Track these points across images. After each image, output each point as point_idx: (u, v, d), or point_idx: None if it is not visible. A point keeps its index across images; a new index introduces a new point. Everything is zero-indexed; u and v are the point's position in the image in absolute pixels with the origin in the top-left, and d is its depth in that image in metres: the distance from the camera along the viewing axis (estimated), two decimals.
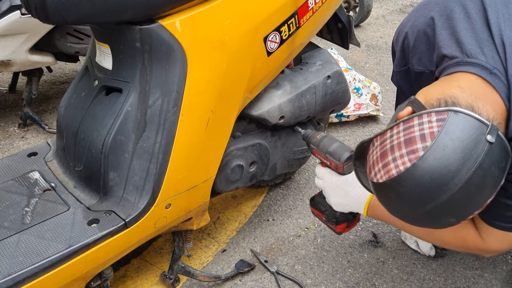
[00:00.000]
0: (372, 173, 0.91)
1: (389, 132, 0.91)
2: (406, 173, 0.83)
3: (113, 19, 1.03)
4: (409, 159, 0.83)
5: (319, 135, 1.31)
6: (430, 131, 0.83)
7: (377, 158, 0.91)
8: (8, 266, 0.97)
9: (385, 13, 4.00)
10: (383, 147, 0.90)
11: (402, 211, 0.89)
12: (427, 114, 0.86)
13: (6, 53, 1.85)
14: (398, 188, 0.85)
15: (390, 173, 0.86)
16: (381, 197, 0.93)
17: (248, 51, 1.20)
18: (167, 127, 1.12)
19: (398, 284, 1.48)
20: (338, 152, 1.25)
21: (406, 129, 0.87)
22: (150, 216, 1.15)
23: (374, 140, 0.96)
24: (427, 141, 0.82)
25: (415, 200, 0.84)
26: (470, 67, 0.96)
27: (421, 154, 0.82)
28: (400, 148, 0.85)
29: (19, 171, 1.26)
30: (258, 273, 1.50)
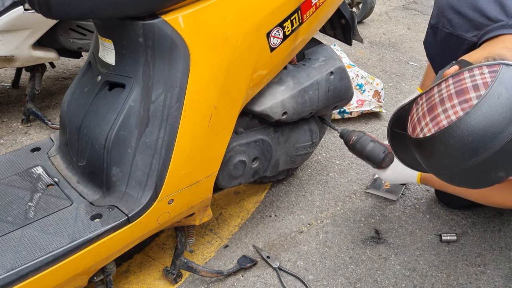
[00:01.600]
0: (418, 129, 0.88)
1: (436, 87, 0.89)
2: (458, 122, 0.81)
3: (116, 14, 1.03)
4: (461, 108, 0.81)
5: (353, 136, 1.45)
6: (484, 81, 0.81)
7: (424, 113, 0.88)
8: (11, 260, 0.97)
9: (388, 9, 3.99)
10: (430, 102, 0.88)
11: (449, 166, 0.86)
12: (478, 67, 0.85)
13: (9, 48, 1.86)
14: (449, 139, 0.82)
15: (440, 124, 0.83)
16: (426, 154, 0.89)
17: (251, 46, 1.20)
18: (170, 122, 1.12)
19: (400, 280, 1.48)
20: (373, 155, 1.40)
21: (457, 82, 0.85)
22: (152, 211, 1.15)
23: (419, 99, 0.93)
24: (481, 90, 0.80)
25: (467, 151, 0.81)
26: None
27: (475, 102, 0.80)
28: (451, 99, 0.83)
29: (22, 166, 1.27)
30: (260, 269, 1.50)
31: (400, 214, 1.76)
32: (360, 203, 1.80)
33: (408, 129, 0.94)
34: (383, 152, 1.39)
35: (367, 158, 1.43)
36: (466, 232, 1.69)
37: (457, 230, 1.69)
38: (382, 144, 1.42)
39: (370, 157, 1.41)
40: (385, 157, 1.38)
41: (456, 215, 1.76)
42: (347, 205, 1.79)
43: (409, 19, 3.79)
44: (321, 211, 1.75)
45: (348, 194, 1.84)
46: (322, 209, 1.76)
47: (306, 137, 1.60)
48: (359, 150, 1.45)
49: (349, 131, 1.51)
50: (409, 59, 3.07)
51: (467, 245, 1.63)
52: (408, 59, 3.07)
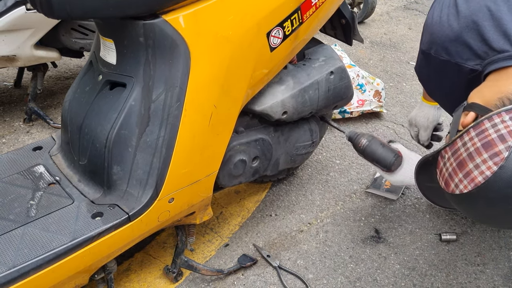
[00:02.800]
0: (452, 185, 0.89)
1: (459, 141, 0.89)
2: (494, 177, 0.81)
3: (117, 14, 1.04)
4: (494, 162, 0.81)
5: (363, 140, 1.47)
6: (508, 130, 0.81)
7: (454, 169, 0.88)
8: (13, 258, 0.98)
9: (390, 9, 3.99)
10: (458, 156, 0.88)
11: (495, 217, 0.87)
12: (497, 114, 0.84)
13: (11, 48, 1.87)
14: (489, 194, 0.83)
15: (476, 181, 0.83)
16: (467, 208, 0.90)
17: (251, 46, 1.20)
18: (170, 121, 1.13)
19: (400, 280, 1.49)
20: (383, 160, 1.43)
21: (480, 134, 0.85)
22: (153, 210, 1.16)
23: (443, 152, 0.93)
24: (508, 140, 0.81)
25: (510, 202, 0.82)
26: None
27: (506, 155, 0.80)
28: (480, 154, 0.83)
29: (24, 165, 1.28)
30: (260, 268, 1.51)
31: (400, 214, 1.76)
32: (360, 203, 1.81)
33: (440, 182, 0.95)
34: (393, 156, 1.42)
35: (377, 162, 1.45)
36: (466, 231, 1.69)
37: (456, 229, 1.70)
38: (391, 148, 1.45)
39: (380, 161, 1.44)
40: (395, 161, 1.41)
41: (456, 214, 1.76)
42: (347, 205, 1.80)
43: (410, 19, 3.79)
44: (321, 211, 1.76)
45: (348, 194, 1.85)
46: (322, 208, 1.77)
47: (306, 136, 1.60)
48: (369, 154, 1.46)
49: (357, 134, 1.51)
50: (410, 59, 3.07)
51: (467, 244, 1.64)
52: (409, 59, 3.07)
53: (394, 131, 2.28)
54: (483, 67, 1.03)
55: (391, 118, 2.39)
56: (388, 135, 2.25)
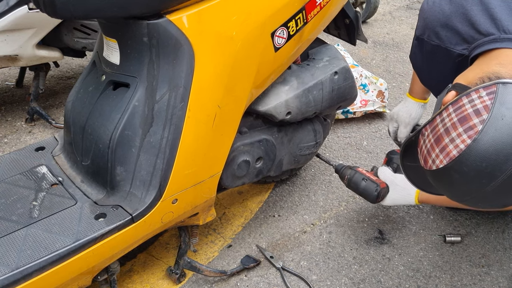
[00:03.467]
0: (430, 161, 0.89)
1: (438, 117, 0.89)
2: (468, 150, 0.81)
3: (121, 14, 1.03)
4: (468, 136, 0.81)
5: (346, 175, 1.52)
6: (484, 105, 0.82)
7: (432, 144, 0.89)
8: (16, 260, 0.97)
9: (392, 9, 3.98)
10: (435, 133, 0.89)
11: (470, 192, 0.86)
12: (475, 91, 0.85)
13: (13, 48, 1.86)
14: (462, 168, 0.82)
15: (451, 154, 0.83)
16: (444, 184, 0.90)
17: (255, 46, 1.19)
18: (174, 122, 1.12)
19: (404, 281, 1.48)
20: (367, 194, 1.47)
21: (457, 109, 0.85)
22: (156, 211, 1.15)
23: (423, 130, 0.94)
24: (483, 114, 0.81)
25: (483, 176, 0.81)
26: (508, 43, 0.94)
27: (480, 128, 0.80)
28: (456, 128, 0.84)
29: (26, 165, 1.27)
30: (263, 269, 1.50)
31: (404, 215, 1.75)
32: (364, 203, 1.80)
33: (420, 160, 0.95)
34: (375, 190, 1.44)
35: (362, 195, 1.49)
36: (470, 232, 1.68)
37: (461, 230, 1.69)
38: (374, 180, 1.46)
39: (364, 195, 1.48)
40: (378, 194, 1.44)
41: (460, 216, 1.75)
42: (350, 205, 1.79)
43: (412, 18, 3.78)
44: (325, 211, 1.75)
45: (352, 194, 1.84)
46: (325, 209, 1.76)
47: (310, 137, 1.60)
48: (354, 188, 1.51)
49: (344, 167, 1.55)
50: None
51: (471, 246, 1.63)
52: None
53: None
54: (469, 51, 1.04)
55: None
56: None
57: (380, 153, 2.11)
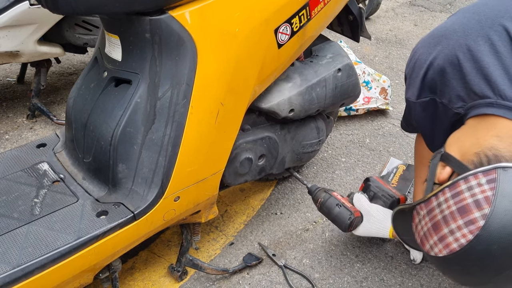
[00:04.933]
0: (427, 246, 0.87)
1: (434, 200, 0.86)
2: (469, 246, 0.78)
3: (123, 10, 1.02)
4: (469, 230, 0.78)
5: (320, 198, 1.43)
6: (484, 196, 0.78)
7: (429, 230, 0.86)
8: (17, 257, 0.97)
9: (395, 6, 3.96)
10: (433, 217, 0.86)
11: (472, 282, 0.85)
12: (474, 175, 0.81)
13: (14, 44, 1.85)
14: (464, 262, 0.81)
15: (451, 247, 0.81)
16: (445, 270, 0.88)
17: (258, 43, 1.18)
18: (176, 119, 1.11)
19: (407, 280, 1.47)
20: (339, 221, 1.39)
21: (455, 196, 0.82)
22: (158, 208, 1.14)
23: (418, 208, 0.91)
24: (484, 208, 0.77)
25: (488, 271, 0.79)
26: (506, 112, 0.87)
27: (482, 223, 0.77)
28: (455, 219, 0.80)
29: (28, 162, 1.26)
30: (265, 267, 1.49)
31: None
32: None
33: (416, 238, 0.92)
34: (348, 218, 1.36)
35: (334, 222, 1.41)
36: None
37: None
38: (348, 208, 1.38)
39: (336, 222, 1.39)
40: (351, 223, 1.36)
41: None
42: None
43: (415, 15, 3.76)
44: None
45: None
46: None
47: (312, 134, 1.59)
48: (326, 213, 1.42)
49: (318, 189, 1.46)
50: None
51: None
52: None
53: (400, 129, 2.26)
54: (465, 110, 0.97)
55: (397, 115, 2.37)
56: (394, 133, 2.23)
57: (383, 150, 2.10)
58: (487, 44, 0.92)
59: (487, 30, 0.92)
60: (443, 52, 1.00)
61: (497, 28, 0.91)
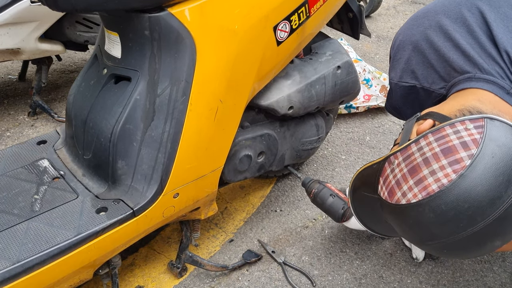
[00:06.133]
0: (398, 194, 0.78)
1: (414, 145, 0.79)
2: (451, 186, 0.71)
3: (122, 7, 1.03)
4: (453, 170, 0.72)
5: (313, 189, 1.43)
6: (472, 138, 0.73)
7: (404, 175, 0.78)
8: (17, 253, 0.97)
9: (396, 3, 3.95)
10: (410, 162, 0.78)
11: (439, 236, 0.76)
12: (461, 122, 0.76)
13: (15, 41, 1.86)
14: (440, 206, 0.72)
15: (429, 189, 0.73)
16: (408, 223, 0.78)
17: (257, 40, 1.19)
18: (175, 116, 1.12)
19: (406, 277, 1.47)
20: (332, 211, 1.38)
21: (440, 139, 0.76)
22: (158, 205, 1.15)
23: (392, 157, 0.83)
24: (471, 148, 0.72)
25: (462, 220, 0.72)
26: (485, 84, 0.87)
27: (468, 163, 0.71)
28: (439, 159, 0.74)
29: (28, 158, 1.27)
30: (265, 264, 1.50)
31: None
32: None
33: (381, 193, 0.83)
34: (341, 208, 1.35)
35: (327, 212, 1.40)
36: None
37: None
38: (342, 198, 1.38)
39: (329, 212, 1.39)
40: (344, 213, 1.35)
41: None
42: None
43: None
44: None
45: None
46: None
47: (312, 131, 1.59)
48: (319, 204, 1.42)
49: (311, 181, 1.46)
50: None
51: None
52: None
53: (401, 127, 2.26)
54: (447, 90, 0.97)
55: None
56: (394, 131, 2.23)
57: (383, 148, 2.10)
58: (464, 25, 0.96)
59: (465, 11, 0.96)
60: (424, 33, 1.02)
61: (474, 11, 0.96)
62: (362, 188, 0.92)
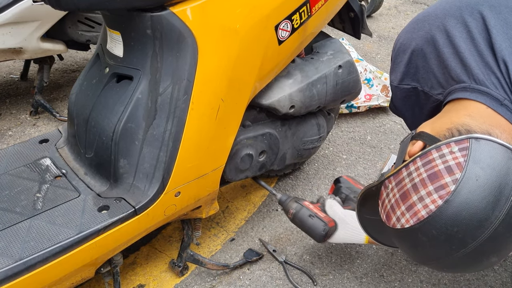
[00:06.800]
0: (393, 219, 0.82)
1: (404, 170, 0.82)
2: (438, 212, 0.74)
3: (125, 6, 1.03)
4: (439, 196, 0.74)
5: (291, 209, 1.37)
6: (456, 162, 0.75)
7: (397, 200, 0.81)
8: (20, 251, 0.98)
9: (398, 3, 3.95)
10: (401, 187, 0.81)
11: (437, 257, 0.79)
12: (446, 144, 0.78)
13: (18, 40, 1.86)
14: (431, 231, 0.76)
15: (419, 215, 0.76)
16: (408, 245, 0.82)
17: (259, 39, 1.19)
18: (177, 115, 1.12)
19: (407, 276, 1.48)
20: (313, 233, 1.33)
21: (426, 164, 0.79)
22: (159, 203, 1.15)
23: (387, 182, 0.87)
24: (456, 173, 0.74)
25: (454, 243, 0.74)
26: (479, 95, 0.88)
27: (452, 188, 0.73)
28: (425, 186, 0.77)
29: (30, 157, 1.27)
30: (266, 262, 1.50)
31: None
32: None
33: (381, 215, 0.87)
34: (322, 230, 1.30)
35: (308, 233, 1.35)
36: None
37: None
38: (322, 218, 1.32)
39: (310, 234, 1.34)
40: (326, 234, 1.31)
41: None
42: None
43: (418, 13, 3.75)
44: None
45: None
46: None
47: (313, 131, 1.59)
48: (299, 225, 1.36)
49: (288, 198, 1.40)
50: None
51: None
52: None
53: (402, 127, 2.26)
54: (444, 96, 0.98)
55: None
56: (395, 130, 2.23)
57: (384, 147, 2.10)
58: (465, 31, 0.94)
59: (466, 16, 0.95)
60: (424, 37, 1.02)
61: (475, 16, 0.94)
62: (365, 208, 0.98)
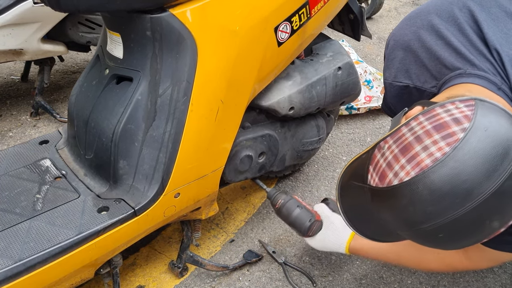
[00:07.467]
0: (389, 176, 0.74)
1: (404, 127, 0.77)
2: (446, 159, 0.68)
3: (124, 8, 1.03)
4: (446, 143, 0.69)
5: (279, 200, 1.36)
6: (463, 115, 0.71)
7: (395, 156, 0.74)
8: (19, 252, 0.98)
9: (398, 5, 3.96)
10: (401, 142, 0.75)
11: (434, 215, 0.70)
12: (451, 102, 0.75)
13: (18, 42, 1.87)
14: (435, 182, 0.68)
15: (422, 164, 0.70)
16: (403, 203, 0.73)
17: (258, 41, 1.19)
18: (177, 116, 1.12)
19: (406, 277, 1.48)
20: (298, 223, 1.32)
21: (430, 118, 0.74)
22: (159, 204, 1.15)
23: (382, 143, 0.79)
24: (463, 123, 0.70)
25: (458, 195, 0.68)
26: (476, 79, 0.87)
27: (461, 136, 0.69)
28: (430, 135, 0.71)
29: (30, 158, 1.28)
30: (266, 264, 1.50)
31: None
32: None
33: (371, 181, 0.79)
34: (309, 220, 1.29)
35: (293, 225, 1.33)
36: None
37: None
38: (310, 210, 1.32)
39: (295, 225, 1.32)
40: (311, 226, 1.29)
41: None
42: None
43: None
44: None
45: None
46: None
47: (313, 132, 1.60)
48: (285, 216, 1.34)
49: (277, 192, 1.39)
50: None
51: None
52: None
53: None
54: (438, 88, 0.97)
55: None
56: None
57: None
58: (455, 24, 0.98)
59: (456, 11, 0.99)
60: (416, 33, 1.04)
61: (464, 10, 0.98)
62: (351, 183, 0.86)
